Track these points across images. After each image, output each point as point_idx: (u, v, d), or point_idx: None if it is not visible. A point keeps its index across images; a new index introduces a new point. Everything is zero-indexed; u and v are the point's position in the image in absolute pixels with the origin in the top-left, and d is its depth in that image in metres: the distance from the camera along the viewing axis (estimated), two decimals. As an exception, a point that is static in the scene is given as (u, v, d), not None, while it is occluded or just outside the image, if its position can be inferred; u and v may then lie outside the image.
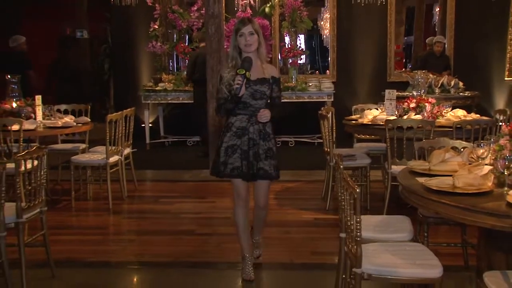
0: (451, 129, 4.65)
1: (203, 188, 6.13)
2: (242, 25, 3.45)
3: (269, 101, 3.59)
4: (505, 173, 2.46)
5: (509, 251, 2.13)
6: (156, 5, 8.37)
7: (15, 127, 4.90)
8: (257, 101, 3.48)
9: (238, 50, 3.49)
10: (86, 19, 10.01)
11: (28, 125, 5.10)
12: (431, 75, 7.52)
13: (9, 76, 5.61)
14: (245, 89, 3.37)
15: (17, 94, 5.52)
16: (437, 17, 9.08)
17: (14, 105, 5.36)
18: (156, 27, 8.47)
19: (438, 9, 9.07)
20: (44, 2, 10.41)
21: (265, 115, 3.44)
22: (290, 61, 8.30)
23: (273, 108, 3.55)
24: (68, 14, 10.15)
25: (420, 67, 7.90)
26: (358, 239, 2.51)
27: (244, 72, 3.31)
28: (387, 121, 4.74)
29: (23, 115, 5.26)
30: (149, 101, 8.25)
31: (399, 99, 5.47)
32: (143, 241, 4.60)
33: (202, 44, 7.35)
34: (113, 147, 5.43)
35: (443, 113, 5.12)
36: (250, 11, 8.17)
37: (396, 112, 5.22)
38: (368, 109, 5.65)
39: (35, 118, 5.34)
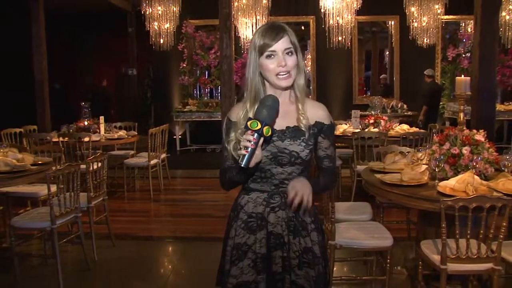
0: (399, 139, 4.67)
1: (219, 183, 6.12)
2: (271, 36, 1.39)
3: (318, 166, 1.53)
4: (436, 170, 2.50)
5: (438, 226, 2.18)
6: (185, 49, 8.43)
7: (86, 139, 4.97)
8: (284, 168, 1.44)
9: (262, 78, 1.45)
10: (135, 61, 10.08)
11: (94, 137, 5.18)
12: (384, 100, 7.55)
13: (83, 103, 5.68)
14: (263, 148, 1.38)
15: (87, 115, 5.56)
16: (387, 58, 9.15)
17: (86, 123, 5.43)
18: (185, 65, 8.50)
19: (387, 52, 9.13)
20: (107, 50, 10.74)
21: (303, 205, 1.34)
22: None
23: (322, 179, 1.50)
24: (123, 57, 10.27)
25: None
26: (333, 219, 2.56)
27: (259, 126, 1.29)
28: (354, 133, 4.78)
29: (91, 130, 5.33)
30: (179, 119, 8.26)
31: (362, 116, 5.50)
32: (176, 221, 4.63)
33: None
34: (153, 153, 5.46)
35: (393, 127, 5.16)
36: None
37: (360, 126, 5.26)
38: (339, 124, 5.65)
39: (99, 132, 5.40)
